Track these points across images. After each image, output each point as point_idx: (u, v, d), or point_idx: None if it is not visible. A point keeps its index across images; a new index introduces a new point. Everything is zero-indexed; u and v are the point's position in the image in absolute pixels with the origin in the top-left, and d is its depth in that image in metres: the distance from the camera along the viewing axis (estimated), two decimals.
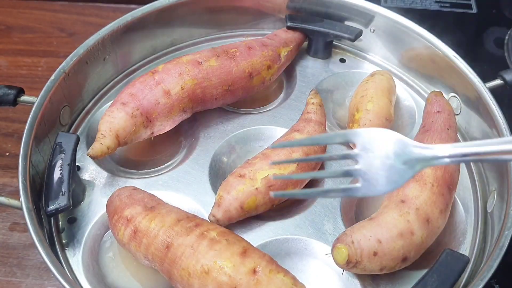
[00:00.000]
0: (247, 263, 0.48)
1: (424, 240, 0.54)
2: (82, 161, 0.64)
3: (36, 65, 0.88)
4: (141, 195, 0.56)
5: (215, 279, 0.47)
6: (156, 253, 0.51)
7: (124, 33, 0.72)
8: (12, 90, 0.63)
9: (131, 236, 0.52)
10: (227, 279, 0.47)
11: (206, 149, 0.66)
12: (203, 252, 0.48)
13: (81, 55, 0.67)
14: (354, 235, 0.52)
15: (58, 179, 0.55)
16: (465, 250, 0.59)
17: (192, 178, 0.63)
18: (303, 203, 0.62)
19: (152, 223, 0.52)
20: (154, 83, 0.62)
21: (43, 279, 0.64)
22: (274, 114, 0.70)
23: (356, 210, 0.62)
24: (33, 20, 0.95)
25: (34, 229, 0.52)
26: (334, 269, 0.56)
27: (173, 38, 0.78)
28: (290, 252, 0.58)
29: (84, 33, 0.75)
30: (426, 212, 0.54)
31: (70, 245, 0.58)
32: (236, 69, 0.66)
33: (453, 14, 0.94)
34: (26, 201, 0.54)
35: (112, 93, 0.73)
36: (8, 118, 0.80)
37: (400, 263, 0.53)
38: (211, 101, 0.66)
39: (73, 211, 0.60)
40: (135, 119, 0.61)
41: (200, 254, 0.48)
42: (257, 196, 0.57)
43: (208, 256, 0.48)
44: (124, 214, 0.53)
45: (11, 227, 0.69)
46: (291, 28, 0.75)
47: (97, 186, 0.62)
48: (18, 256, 0.66)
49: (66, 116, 0.67)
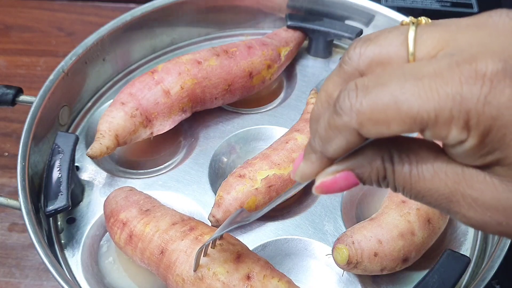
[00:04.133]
0: (241, 269, 0.48)
1: (425, 240, 0.53)
2: (81, 161, 0.64)
3: (35, 64, 0.88)
4: (137, 197, 0.56)
5: (209, 285, 0.47)
6: (152, 257, 0.51)
7: (124, 32, 0.71)
8: (11, 90, 0.63)
9: (127, 240, 0.52)
10: (221, 285, 0.47)
11: (205, 149, 0.65)
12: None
13: (80, 54, 0.67)
14: (354, 235, 0.52)
15: (57, 179, 0.55)
16: (466, 251, 0.58)
17: (191, 178, 0.63)
18: (303, 203, 0.62)
19: (147, 227, 0.51)
20: (153, 82, 0.62)
21: (42, 280, 0.64)
22: (274, 114, 0.70)
23: (357, 210, 0.62)
24: (31, 20, 0.95)
25: (33, 229, 0.52)
26: (335, 269, 0.55)
27: (173, 38, 0.77)
28: (290, 252, 0.57)
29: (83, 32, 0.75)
30: (427, 212, 0.54)
31: (69, 246, 0.57)
32: (236, 68, 0.66)
33: (454, 14, 0.94)
34: (25, 201, 0.54)
35: (111, 92, 0.73)
36: (7, 118, 0.80)
37: (401, 264, 0.53)
38: (211, 101, 0.66)
39: (72, 211, 0.60)
40: (134, 119, 0.60)
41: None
42: (257, 197, 0.57)
43: (201, 262, 0.48)
44: (120, 218, 0.53)
45: (9, 228, 0.68)
46: (291, 27, 0.75)
47: (96, 186, 0.62)
48: (17, 257, 0.66)
49: (65, 116, 0.67)
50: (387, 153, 0.32)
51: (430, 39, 0.31)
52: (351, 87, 0.30)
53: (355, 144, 0.31)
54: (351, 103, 0.30)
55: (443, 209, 0.32)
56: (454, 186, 0.31)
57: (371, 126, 0.29)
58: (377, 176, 0.33)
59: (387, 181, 0.33)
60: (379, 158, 0.32)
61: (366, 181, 0.33)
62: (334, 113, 0.31)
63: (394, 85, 0.29)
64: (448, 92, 0.28)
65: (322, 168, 0.34)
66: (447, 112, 0.28)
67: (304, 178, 0.35)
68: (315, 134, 0.33)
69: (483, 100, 0.28)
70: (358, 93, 0.30)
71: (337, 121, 0.30)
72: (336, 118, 0.30)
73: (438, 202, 0.31)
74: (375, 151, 0.32)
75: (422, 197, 0.32)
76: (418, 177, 0.31)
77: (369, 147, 0.33)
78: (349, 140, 0.31)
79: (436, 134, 0.29)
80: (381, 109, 0.29)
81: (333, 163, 0.33)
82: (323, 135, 0.32)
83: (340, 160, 0.33)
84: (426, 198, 0.32)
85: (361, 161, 0.33)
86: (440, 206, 0.32)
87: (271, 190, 0.57)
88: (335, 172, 0.33)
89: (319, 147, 0.33)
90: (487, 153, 0.29)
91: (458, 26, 0.31)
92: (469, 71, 0.28)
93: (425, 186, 0.31)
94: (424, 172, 0.31)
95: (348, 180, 0.33)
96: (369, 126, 0.29)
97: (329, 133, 0.31)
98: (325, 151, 0.32)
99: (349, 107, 0.30)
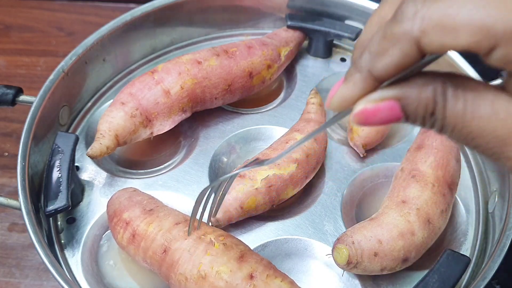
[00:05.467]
0: (244, 268, 0.48)
1: (425, 240, 0.53)
2: (81, 161, 0.64)
3: (35, 64, 0.88)
4: (140, 197, 0.56)
5: (212, 284, 0.47)
6: (154, 257, 0.50)
7: (124, 32, 0.71)
8: (11, 90, 0.63)
9: (130, 240, 0.52)
10: (224, 284, 0.47)
11: (205, 149, 0.65)
12: (200, 256, 0.48)
13: (80, 54, 0.67)
14: (354, 235, 0.52)
15: (57, 179, 0.55)
16: (466, 251, 0.58)
17: (191, 178, 0.63)
18: (303, 203, 0.62)
19: (150, 226, 0.51)
20: (153, 82, 0.62)
21: (42, 280, 0.64)
22: (274, 114, 0.70)
23: (357, 210, 0.62)
24: (31, 20, 0.95)
25: (33, 229, 0.52)
26: (335, 269, 0.55)
27: (173, 38, 0.77)
28: (290, 252, 0.57)
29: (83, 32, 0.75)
30: (427, 212, 0.54)
31: (69, 246, 0.57)
32: (236, 68, 0.66)
33: None
34: (25, 201, 0.54)
35: (111, 92, 0.73)
36: (7, 118, 0.80)
37: (401, 264, 0.53)
38: (211, 101, 0.66)
39: (72, 211, 0.60)
40: (134, 118, 0.60)
41: (197, 258, 0.48)
42: (257, 196, 0.57)
43: (205, 261, 0.48)
44: (123, 217, 0.53)
45: (10, 228, 0.68)
46: (291, 27, 0.75)
47: (96, 186, 0.62)
48: (17, 257, 0.66)
49: (65, 116, 0.67)
50: (441, 84, 0.28)
51: None
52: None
53: (411, 60, 0.28)
54: (417, 8, 0.26)
55: (492, 155, 0.29)
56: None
57: (436, 34, 0.26)
58: (425, 111, 0.29)
59: (435, 118, 0.29)
60: (431, 89, 0.28)
61: (411, 115, 0.29)
62: (393, 21, 0.27)
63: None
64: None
65: (365, 92, 0.30)
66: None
67: (343, 103, 0.30)
68: (363, 52, 0.29)
69: None
70: (426, 0, 0.27)
71: (395, 29, 0.27)
72: (394, 26, 0.27)
73: (490, 145, 0.28)
74: (427, 80, 0.29)
75: (472, 139, 0.29)
76: (473, 115, 0.28)
77: (420, 76, 0.29)
78: (406, 53, 0.27)
79: (508, 54, 0.26)
80: (451, 15, 0.26)
81: (378, 89, 0.30)
82: (375, 48, 0.28)
83: (387, 85, 0.29)
84: (476, 141, 0.29)
85: (410, 91, 0.29)
86: (490, 150, 0.29)
87: (271, 190, 0.57)
88: (379, 99, 0.29)
89: (367, 63, 0.29)
90: None
91: None
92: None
93: (479, 125, 0.28)
94: (481, 109, 0.28)
95: (392, 111, 0.29)
96: (433, 34, 0.26)
97: (384, 43, 0.28)
98: (374, 68, 0.28)
99: (413, 12, 0.26)
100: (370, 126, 0.30)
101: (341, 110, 0.31)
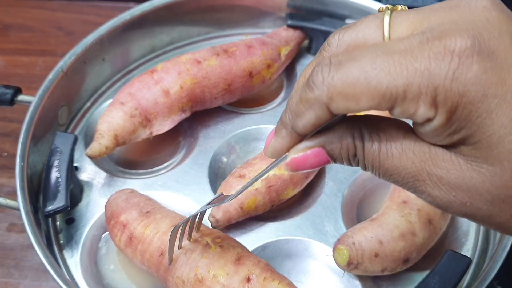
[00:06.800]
0: (241, 271, 0.47)
1: (426, 241, 0.53)
2: (80, 161, 0.64)
3: (34, 64, 0.87)
4: (137, 199, 0.55)
5: (208, 287, 0.47)
6: (152, 260, 0.50)
7: (123, 31, 0.71)
8: (10, 90, 0.62)
9: (127, 242, 0.52)
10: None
11: (205, 149, 0.65)
12: (197, 259, 0.48)
13: (79, 54, 0.66)
14: (355, 236, 0.52)
15: (55, 180, 0.55)
16: (467, 251, 0.58)
17: (191, 178, 0.62)
18: (303, 204, 0.62)
19: (147, 229, 0.51)
20: (153, 82, 0.62)
21: (41, 280, 0.64)
22: (274, 114, 0.70)
23: (357, 211, 0.61)
24: (30, 19, 0.94)
25: (31, 230, 0.52)
26: (335, 270, 0.55)
27: (172, 37, 0.77)
28: (290, 253, 0.57)
29: (82, 32, 0.74)
30: (428, 213, 0.54)
31: (68, 246, 0.57)
32: (236, 68, 0.65)
33: None
34: (24, 202, 0.54)
35: (110, 92, 0.72)
36: (6, 118, 0.79)
37: (402, 265, 0.53)
38: (211, 101, 0.66)
39: (71, 211, 0.59)
40: (133, 118, 0.60)
41: (194, 261, 0.48)
42: (256, 197, 0.56)
43: (201, 264, 0.48)
44: (120, 220, 0.53)
45: (8, 228, 0.68)
46: (291, 27, 0.74)
47: (96, 187, 0.62)
48: (15, 257, 0.65)
49: (64, 115, 0.67)
50: (358, 130, 0.32)
51: (404, 21, 0.31)
52: (325, 62, 0.30)
53: (325, 119, 0.31)
54: (323, 77, 0.30)
55: (410, 188, 0.32)
56: (420, 164, 0.31)
57: (341, 101, 0.29)
58: (348, 154, 0.33)
59: (357, 159, 0.33)
60: (350, 136, 0.32)
61: (337, 158, 0.33)
62: (306, 86, 0.31)
63: (366, 60, 0.29)
64: (417, 68, 0.28)
65: (292, 144, 0.34)
66: (415, 87, 0.28)
67: (275, 153, 0.35)
68: (286, 110, 0.33)
69: (451, 76, 0.28)
70: (331, 68, 0.30)
71: (308, 95, 0.31)
72: (307, 92, 0.31)
73: (405, 181, 0.32)
74: (346, 128, 0.33)
75: (390, 176, 0.32)
76: (387, 155, 0.32)
77: (340, 125, 0.33)
78: (319, 115, 0.31)
79: (404, 111, 0.29)
80: (351, 84, 0.29)
81: (304, 140, 0.33)
82: (293, 109, 0.32)
83: (311, 136, 0.33)
84: (393, 177, 0.32)
85: (331, 138, 0.33)
86: (407, 185, 0.32)
87: (271, 190, 0.57)
88: (305, 148, 0.33)
89: (290, 122, 0.33)
90: (454, 131, 0.29)
91: (431, 9, 0.31)
92: (438, 47, 0.28)
93: (393, 164, 0.32)
94: (392, 150, 0.32)
95: (319, 156, 0.33)
96: (338, 101, 0.29)
97: (300, 107, 0.31)
98: (295, 126, 0.32)
99: (321, 81, 0.30)
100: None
101: (276, 158, 0.35)
